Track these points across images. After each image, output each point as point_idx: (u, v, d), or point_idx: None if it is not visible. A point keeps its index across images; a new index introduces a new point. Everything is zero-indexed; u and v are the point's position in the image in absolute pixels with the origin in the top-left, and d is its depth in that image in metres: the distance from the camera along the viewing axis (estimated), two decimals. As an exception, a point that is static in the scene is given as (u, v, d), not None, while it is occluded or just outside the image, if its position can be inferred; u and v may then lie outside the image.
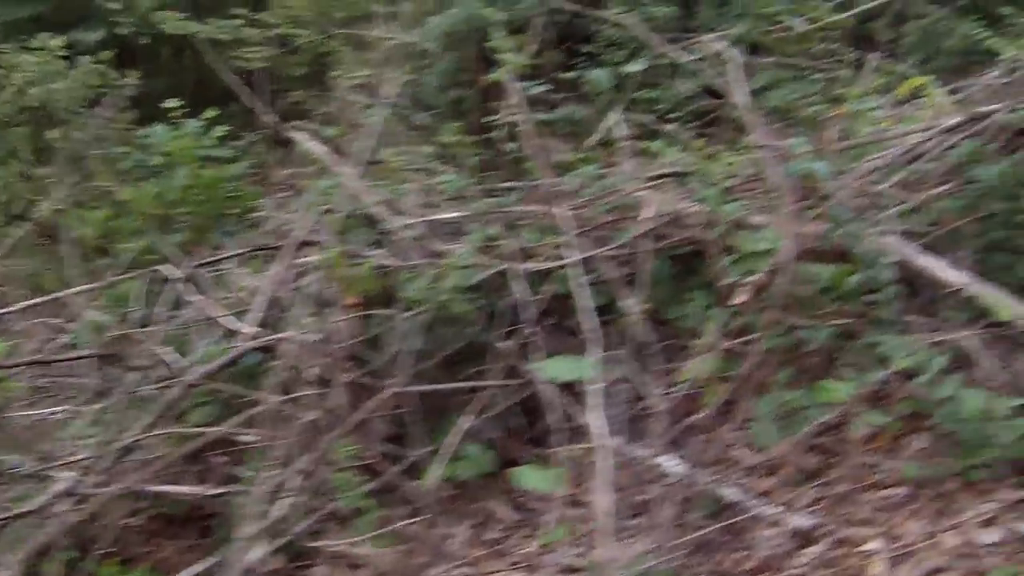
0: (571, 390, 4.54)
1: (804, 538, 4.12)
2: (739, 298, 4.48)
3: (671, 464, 4.48)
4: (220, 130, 7.26)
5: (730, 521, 4.26)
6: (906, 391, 4.40)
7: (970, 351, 4.47)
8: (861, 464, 4.41)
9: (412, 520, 4.56)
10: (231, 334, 5.20)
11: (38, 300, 6.19)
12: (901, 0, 8.13)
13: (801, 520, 4.16)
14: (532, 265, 5.03)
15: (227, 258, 5.85)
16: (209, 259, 5.90)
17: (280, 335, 4.95)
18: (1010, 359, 4.49)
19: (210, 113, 7.40)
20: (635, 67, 6.28)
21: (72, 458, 4.79)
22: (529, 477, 3.45)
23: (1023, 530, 3.83)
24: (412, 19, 9.73)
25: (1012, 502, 3.95)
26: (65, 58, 8.69)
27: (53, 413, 5.55)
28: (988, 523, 3.92)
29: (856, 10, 7.32)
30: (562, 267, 4.90)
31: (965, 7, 8.57)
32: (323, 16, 11.02)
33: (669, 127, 6.40)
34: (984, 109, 5.74)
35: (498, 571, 4.39)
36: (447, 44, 7.86)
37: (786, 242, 4.52)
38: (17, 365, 5.48)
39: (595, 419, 3.95)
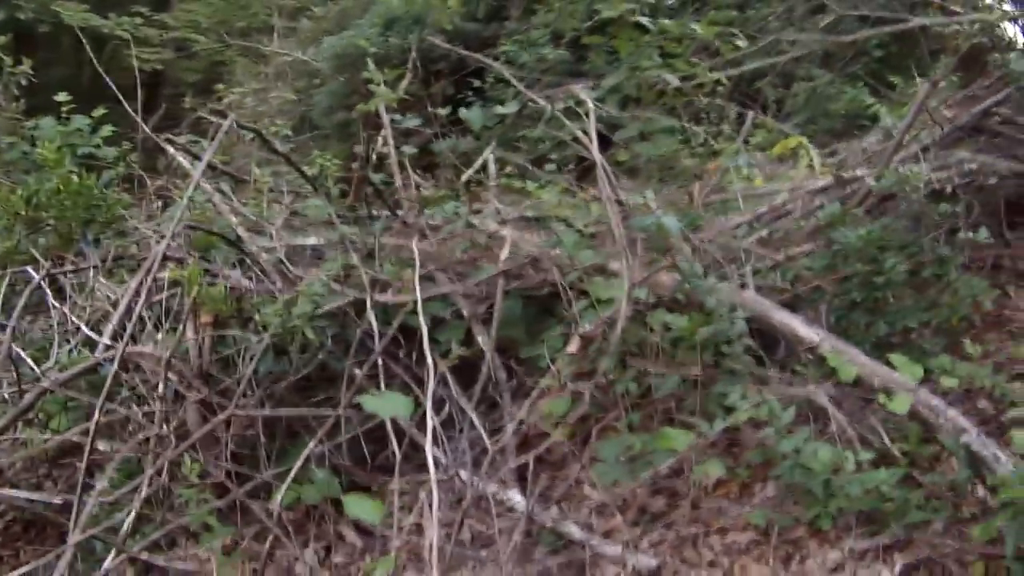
0: (421, 421, 4.48)
1: (646, 577, 4.15)
2: (571, 347, 4.50)
3: (517, 499, 4.48)
4: (107, 129, 7.10)
5: (573, 557, 4.27)
6: (757, 440, 4.46)
7: (822, 405, 4.54)
8: (708, 509, 4.47)
9: (260, 540, 4.50)
10: (89, 343, 5.10)
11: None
12: (790, 62, 8.32)
13: (643, 560, 4.17)
14: (383, 297, 5.03)
15: (86, 268, 5.71)
16: (70, 267, 5.76)
17: (133, 348, 4.84)
18: (860, 414, 4.58)
19: (99, 111, 7.23)
20: (508, 108, 6.30)
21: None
22: (356, 506, 3.42)
23: (870, 579, 3.88)
24: (310, 37, 9.73)
25: (860, 551, 4.02)
26: (-41, 38, 8.43)
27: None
28: (835, 570, 3.99)
29: (737, 70, 7.45)
30: (414, 301, 4.86)
31: (854, 73, 8.82)
32: (223, 24, 10.96)
33: (547, 168, 6.44)
34: (853, 173, 5.90)
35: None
36: (338, 67, 7.84)
37: (625, 294, 4.54)
38: None
39: (429, 453, 3.92)
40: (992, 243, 5.84)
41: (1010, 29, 8.33)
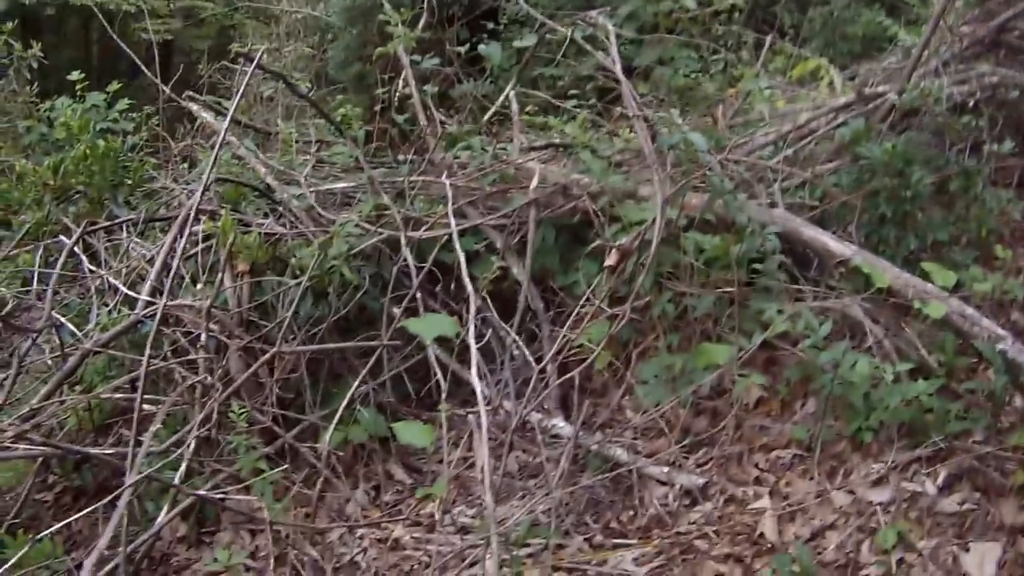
0: (463, 358, 4.52)
1: (694, 497, 4.20)
2: (609, 261, 4.50)
3: (561, 425, 4.53)
4: (123, 103, 7.14)
5: (621, 480, 4.34)
6: (795, 357, 4.48)
7: (857, 319, 4.55)
8: (750, 427, 4.51)
9: (310, 484, 4.55)
10: (128, 302, 5.15)
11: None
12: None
13: (691, 479, 4.23)
14: (417, 233, 5.03)
15: (118, 224, 5.77)
16: (101, 226, 5.81)
17: (173, 302, 4.89)
18: (895, 327, 4.59)
19: (113, 86, 7.27)
20: (526, 41, 6.27)
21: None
22: (406, 432, 3.46)
23: (912, 489, 3.93)
24: (318, -8, 9.76)
25: (903, 463, 4.04)
26: (-33, 28, 8.43)
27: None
28: (878, 483, 4.01)
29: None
30: (448, 236, 4.90)
31: (871, -5, 8.74)
32: (230, -13, 11.00)
33: (569, 103, 6.43)
34: (875, 90, 5.88)
35: (396, 532, 4.38)
36: (350, 19, 7.84)
37: (659, 208, 4.55)
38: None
39: (475, 369, 3.95)
40: (1018, 156, 5.82)
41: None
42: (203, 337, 4.71)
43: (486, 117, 6.14)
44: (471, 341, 4.05)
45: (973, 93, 6.07)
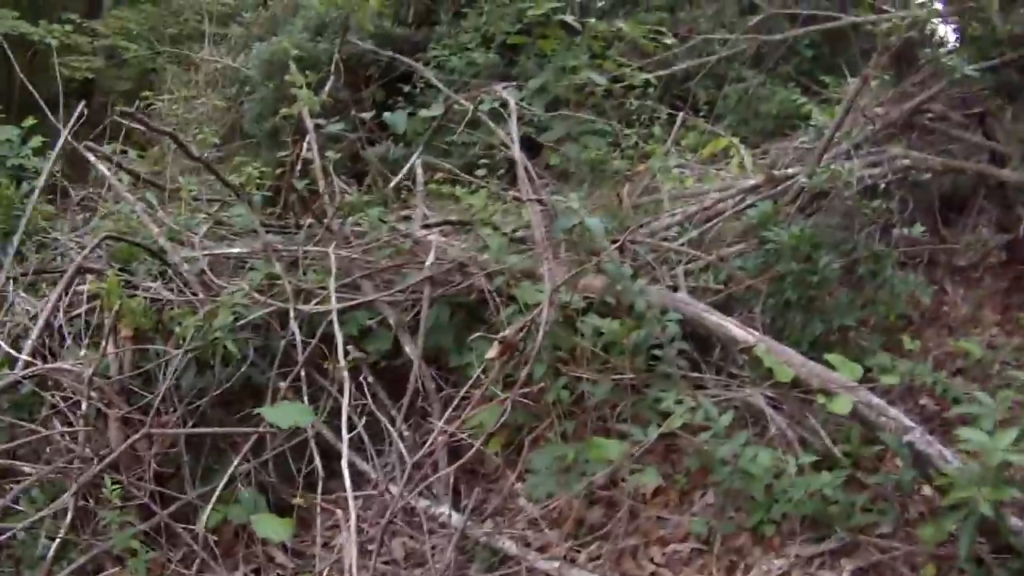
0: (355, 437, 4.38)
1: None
2: (490, 353, 4.40)
3: (450, 514, 4.39)
4: (36, 141, 6.92)
5: (508, 574, 4.16)
6: (695, 446, 4.37)
7: (760, 408, 4.48)
8: (647, 519, 4.39)
9: (189, 563, 4.37)
10: (9, 360, 4.91)
11: None
12: (721, 63, 8.31)
13: (583, 575, 4.07)
14: (306, 307, 4.89)
15: (6, 280, 5.53)
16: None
17: (53, 365, 4.69)
18: (800, 416, 4.52)
19: (28, 122, 7.05)
20: (434, 111, 6.20)
21: None
22: (265, 526, 3.30)
23: (816, 585, 3.80)
24: (240, 43, 9.68)
25: (806, 557, 3.96)
26: None
27: None
28: (780, 578, 3.89)
29: (667, 71, 7.41)
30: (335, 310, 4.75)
31: (786, 74, 8.84)
32: (154, 31, 10.90)
33: (477, 173, 6.36)
34: (785, 172, 5.88)
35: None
36: (268, 73, 7.75)
37: (547, 296, 4.45)
38: None
39: (345, 466, 3.82)
40: (927, 239, 5.84)
41: (941, 27, 8.37)
42: (84, 406, 4.51)
43: (390, 185, 6.03)
44: (344, 426, 3.91)
45: (884, 176, 6.11)
